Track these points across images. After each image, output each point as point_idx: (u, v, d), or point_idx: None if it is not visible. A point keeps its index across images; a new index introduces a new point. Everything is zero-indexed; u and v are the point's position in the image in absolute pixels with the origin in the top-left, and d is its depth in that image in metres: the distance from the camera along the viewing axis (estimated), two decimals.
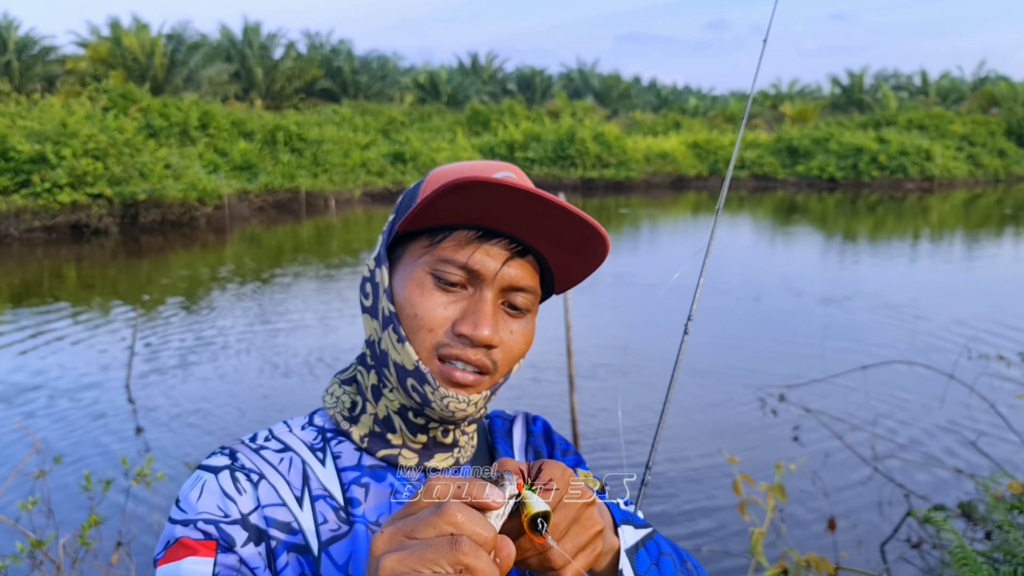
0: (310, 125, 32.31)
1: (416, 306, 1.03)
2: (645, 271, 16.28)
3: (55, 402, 8.37)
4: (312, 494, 1.06)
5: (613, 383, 8.85)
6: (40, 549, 3.64)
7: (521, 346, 1.08)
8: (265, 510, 1.03)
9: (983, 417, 6.94)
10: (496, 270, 1.02)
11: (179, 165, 23.95)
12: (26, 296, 14.26)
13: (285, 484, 1.06)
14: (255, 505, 1.02)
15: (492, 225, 1.02)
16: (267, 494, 1.04)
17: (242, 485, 1.03)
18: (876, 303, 12.74)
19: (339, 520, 1.05)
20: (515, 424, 1.28)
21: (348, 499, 1.07)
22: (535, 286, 1.07)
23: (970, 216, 28.07)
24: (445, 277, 1.02)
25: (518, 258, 1.04)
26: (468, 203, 0.99)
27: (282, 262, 18.23)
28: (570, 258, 1.07)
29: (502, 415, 1.29)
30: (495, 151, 37.35)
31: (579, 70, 75.64)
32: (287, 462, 1.09)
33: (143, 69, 42.26)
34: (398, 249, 1.09)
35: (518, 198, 0.97)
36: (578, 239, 1.03)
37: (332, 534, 1.04)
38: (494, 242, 1.03)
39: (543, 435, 1.28)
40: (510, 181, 0.95)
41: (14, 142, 21.17)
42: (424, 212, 1.02)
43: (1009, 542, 3.74)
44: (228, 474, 1.04)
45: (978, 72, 68.96)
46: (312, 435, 1.13)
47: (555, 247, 1.05)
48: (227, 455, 1.07)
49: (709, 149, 40.57)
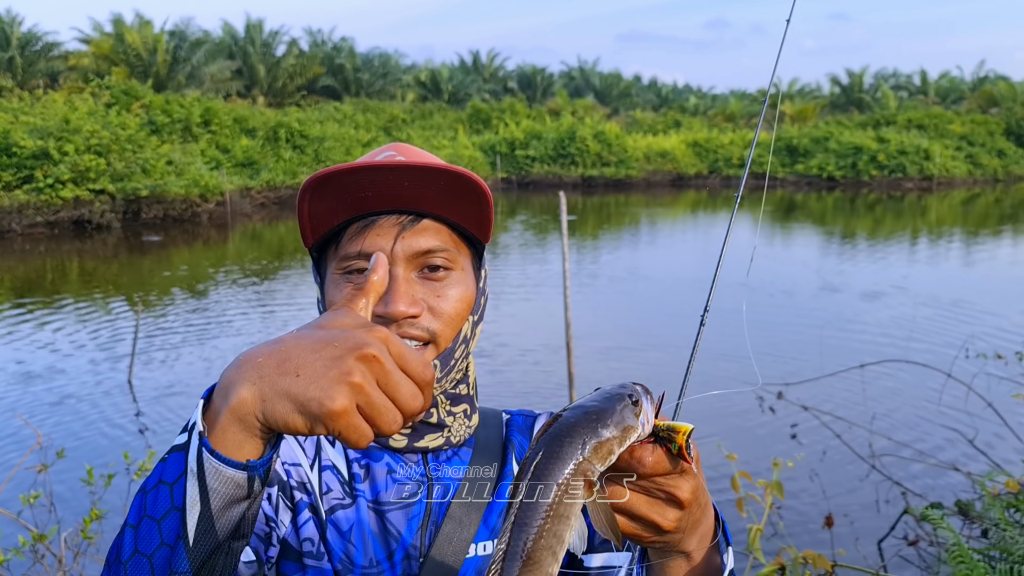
0: (312, 122, 32.31)
1: (334, 302, 1.08)
2: (656, 267, 16.29)
3: (57, 396, 8.40)
4: (322, 463, 1.13)
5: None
6: (42, 543, 3.66)
7: (456, 304, 1.10)
8: (286, 465, 1.11)
9: (980, 415, 6.95)
10: (391, 246, 1.06)
11: (181, 161, 23.96)
12: (28, 291, 14.28)
13: (300, 448, 1.14)
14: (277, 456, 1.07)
15: (370, 209, 1.06)
16: (287, 451, 1.12)
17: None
18: (876, 302, 12.76)
19: (343, 492, 1.11)
20: (538, 421, 1.28)
21: (352, 475, 1.13)
22: (445, 243, 1.09)
23: (969, 215, 28.06)
24: (350, 269, 1.07)
25: (412, 226, 1.07)
26: (335, 199, 1.04)
27: (284, 258, 18.25)
28: (461, 206, 1.09)
29: (525, 413, 1.29)
30: (496, 149, 37.34)
31: (580, 68, 75.60)
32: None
33: (146, 66, 42.25)
34: (321, 262, 1.15)
35: (374, 175, 1.02)
36: (452, 189, 1.05)
37: (336, 502, 1.10)
38: (381, 222, 1.06)
39: None
40: (357, 163, 1.00)
41: (17, 138, 21.18)
42: (310, 225, 1.08)
43: (1006, 540, 3.76)
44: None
45: (977, 72, 68.91)
46: None
47: (439, 203, 1.07)
48: None
49: (709, 148, 40.57)
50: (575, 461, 0.74)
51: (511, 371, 9.06)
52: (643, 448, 0.78)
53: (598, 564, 1.16)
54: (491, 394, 7.84)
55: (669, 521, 0.81)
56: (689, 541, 0.86)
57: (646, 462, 0.77)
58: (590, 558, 1.17)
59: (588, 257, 18.12)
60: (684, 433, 0.79)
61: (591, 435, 0.75)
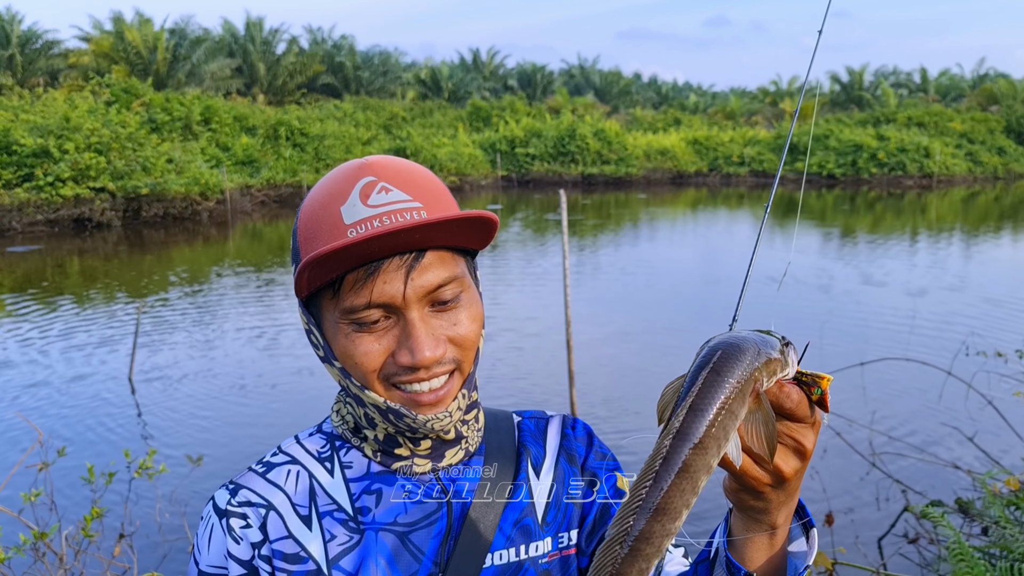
0: (312, 120, 32.32)
1: (352, 356, 1.03)
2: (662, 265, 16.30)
3: (58, 395, 8.41)
4: (319, 511, 1.09)
5: (621, 382, 8.88)
6: (43, 541, 3.66)
7: (471, 327, 1.06)
8: (273, 544, 1.07)
9: (981, 413, 6.96)
10: (402, 291, 1.00)
11: (181, 159, 23.98)
12: (29, 290, 14.28)
13: (291, 509, 1.09)
14: (256, 548, 1.07)
15: (372, 257, 0.99)
16: (274, 527, 1.08)
17: (238, 534, 1.07)
18: (876, 299, 12.76)
19: (348, 531, 1.08)
20: (550, 424, 1.26)
21: (358, 508, 1.09)
22: (452, 272, 1.04)
23: (969, 213, 28.06)
24: (362, 321, 1.01)
25: (418, 264, 1.01)
26: (336, 261, 0.98)
27: (284, 256, 18.25)
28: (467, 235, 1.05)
29: (537, 416, 1.27)
30: (496, 147, 37.33)
31: (580, 66, 75.54)
32: (294, 477, 1.12)
33: (146, 64, 42.22)
34: (313, 302, 1.07)
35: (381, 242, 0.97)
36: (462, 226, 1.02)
37: (341, 548, 1.07)
38: (385, 266, 0.99)
39: (584, 438, 1.26)
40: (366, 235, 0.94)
41: (17, 136, 21.20)
42: (307, 287, 1.02)
43: (1006, 538, 3.76)
44: (226, 522, 1.08)
45: (978, 70, 68.85)
46: (320, 443, 1.16)
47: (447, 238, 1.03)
48: (230, 491, 1.11)
49: (709, 146, 40.61)
50: (752, 367, 0.78)
51: (511, 370, 9.06)
52: (791, 385, 0.82)
53: None
54: (492, 393, 7.85)
55: (791, 469, 0.83)
56: (780, 514, 0.89)
57: (793, 397, 0.81)
58: None
59: (588, 256, 18.12)
60: (827, 382, 0.83)
61: (764, 349, 0.80)
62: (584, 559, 1.19)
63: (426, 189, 1.03)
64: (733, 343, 0.80)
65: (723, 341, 0.81)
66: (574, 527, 1.19)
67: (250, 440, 7.24)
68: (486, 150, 37.27)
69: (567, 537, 1.18)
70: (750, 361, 0.78)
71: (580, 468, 1.22)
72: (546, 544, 1.15)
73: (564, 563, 1.17)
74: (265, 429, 7.48)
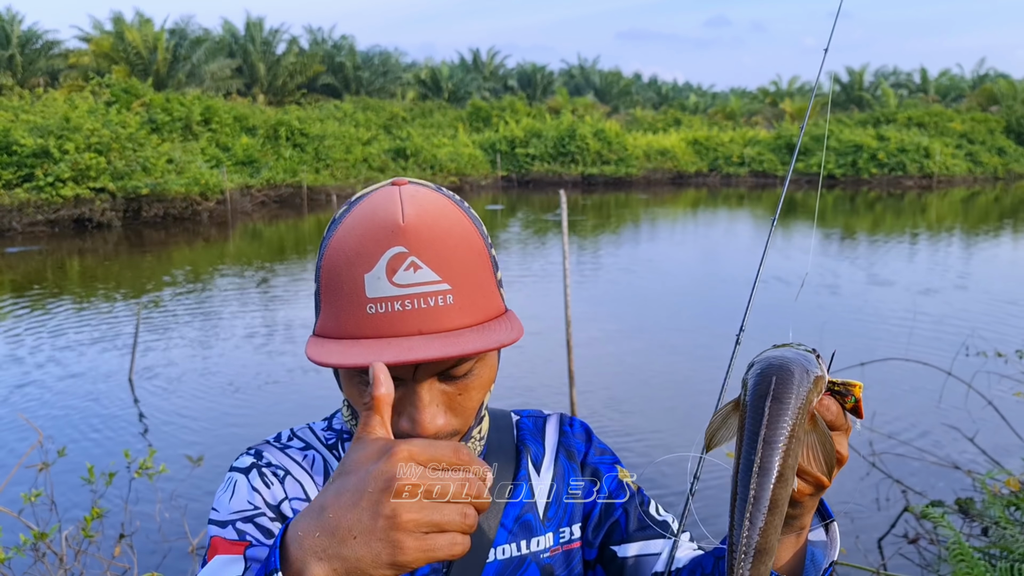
0: (312, 120, 32.32)
1: (355, 403, 1.02)
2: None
3: (58, 395, 8.41)
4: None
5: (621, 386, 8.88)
6: (43, 541, 3.66)
7: (477, 397, 1.03)
8: (292, 503, 1.08)
9: (981, 413, 6.96)
10: (413, 372, 0.96)
11: (182, 160, 23.98)
12: (29, 290, 14.29)
13: (310, 480, 1.11)
14: (283, 497, 1.07)
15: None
16: (293, 488, 1.09)
17: (269, 479, 1.08)
18: (876, 299, 12.77)
19: None
20: (548, 423, 1.26)
21: None
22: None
23: (969, 213, 28.06)
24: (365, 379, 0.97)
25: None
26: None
27: (284, 256, 18.26)
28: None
29: (535, 415, 1.28)
30: (496, 147, 37.33)
31: (580, 67, 75.55)
32: (310, 459, 1.13)
33: (146, 64, 42.24)
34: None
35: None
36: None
37: None
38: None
39: (583, 435, 1.26)
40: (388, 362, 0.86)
41: (17, 136, 21.21)
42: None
43: (1006, 538, 3.77)
44: (256, 471, 1.09)
45: (978, 70, 68.87)
46: (330, 436, 1.17)
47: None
48: (253, 455, 1.12)
49: (709, 146, 40.61)
50: (806, 389, 0.79)
51: (512, 370, 9.06)
52: (827, 396, 0.83)
53: (633, 553, 1.18)
54: (493, 393, 7.83)
55: (828, 478, 0.84)
56: (809, 516, 0.92)
57: (832, 410, 0.82)
58: (624, 548, 1.19)
59: (588, 256, 18.12)
60: (859, 389, 0.84)
61: (809, 368, 0.81)
62: (591, 551, 1.20)
63: (458, 264, 0.96)
64: (783, 367, 0.80)
65: (772, 365, 0.81)
66: (576, 521, 1.20)
67: (251, 440, 7.22)
68: (486, 150, 37.26)
69: (569, 532, 1.19)
70: (803, 384, 0.79)
71: (580, 464, 1.23)
72: (548, 539, 1.16)
73: (567, 557, 1.18)
74: (266, 429, 7.48)
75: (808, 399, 0.79)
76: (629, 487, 1.22)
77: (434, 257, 0.94)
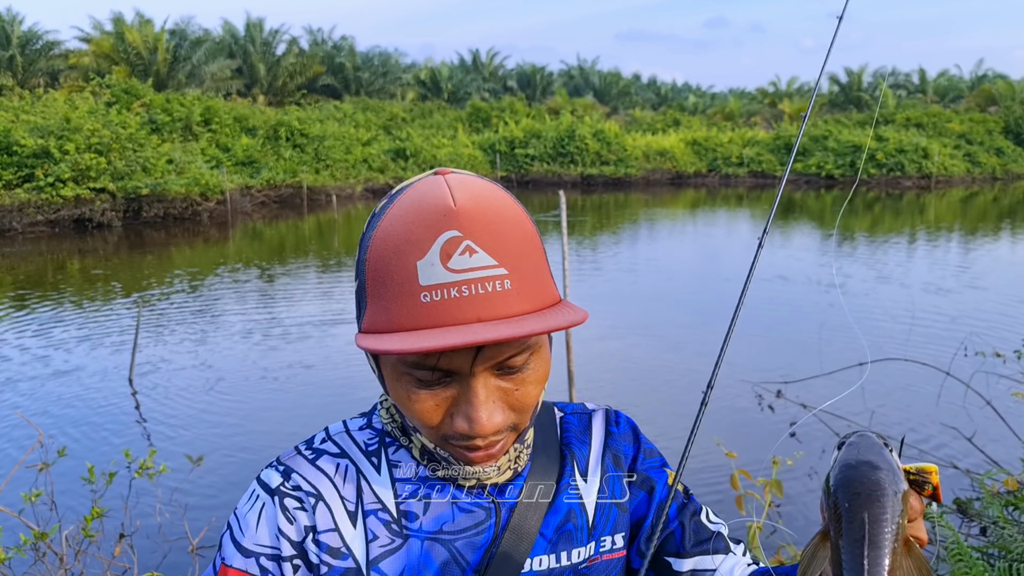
0: (312, 121, 32.32)
1: (407, 407, 0.96)
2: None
3: (59, 395, 8.41)
4: (364, 508, 1.04)
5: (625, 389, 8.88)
6: (43, 541, 3.67)
7: (534, 392, 0.98)
8: (320, 536, 1.02)
9: (979, 413, 6.97)
10: (470, 364, 0.91)
11: (182, 160, 24.00)
12: (29, 290, 14.29)
13: (340, 502, 1.04)
14: (308, 532, 1.02)
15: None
16: (323, 518, 1.03)
17: (292, 514, 1.02)
18: (875, 300, 12.77)
19: (391, 534, 1.03)
20: (594, 420, 1.20)
21: (402, 511, 1.04)
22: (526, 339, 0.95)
23: (967, 213, 28.06)
24: (423, 379, 0.93)
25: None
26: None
27: (284, 257, 18.27)
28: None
29: (579, 410, 1.21)
30: (495, 148, 37.35)
31: (579, 67, 75.57)
32: (343, 471, 1.06)
33: (146, 64, 42.24)
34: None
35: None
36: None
37: (382, 550, 1.02)
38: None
39: (630, 435, 1.20)
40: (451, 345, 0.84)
41: (18, 136, 21.22)
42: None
43: (1004, 538, 3.77)
44: (280, 500, 1.03)
45: (976, 71, 68.84)
46: (369, 436, 1.10)
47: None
48: (281, 472, 1.05)
49: (708, 147, 40.66)
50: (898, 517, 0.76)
51: None
52: (913, 496, 0.80)
53: (688, 568, 1.15)
54: None
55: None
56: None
57: (916, 508, 0.79)
58: (680, 562, 1.15)
59: (588, 256, 18.13)
60: (935, 473, 0.81)
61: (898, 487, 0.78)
62: (637, 559, 1.15)
63: (514, 248, 0.91)
64: (875, 496, 0.77)
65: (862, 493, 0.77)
66: (620, 531, 1.14)
67: (251, 440, 7.25)
68: (485, 151, 37.28)
69: (611, 541, 1.13)
70: (895, 511, 0.76)
71: (628, 470, 1.17)
72: (589, 549, 1.10)
73: (606, 566, 1.13)
74: (266, 428, 7.49)
75: (901, 526, 0.76)
76: (680, 495, 1.17)
77: (489, 241, 0.90)
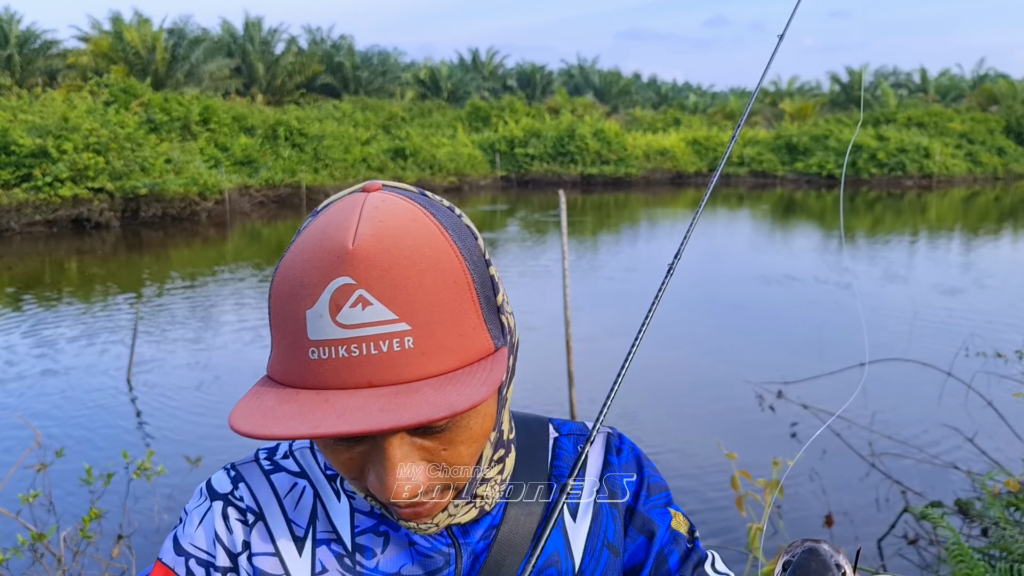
0: (311, 120, 32.30)
1: (327, 457, 0.85)
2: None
3: (56, 395, 8.39)
4: (316, 536, 0.94)
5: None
6: (41, 542, 3.66)
7: (467, 448, 0.84)
8: (255, 558, 0.93)
9: (980, 414, 6.96)
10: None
11: (180, 160, 23.96)
12: (27, 290, 14.27)
13: (285, 525, 0.95)
14: (245, 549, 0.94)
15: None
16: (259, 540, 0.94)
17: (231, 524, 0.94)
18: (876, 300, 12.76)
19: (343, 569, 0.93)
20: (591, 447, 1.07)
21: (358, 546, 0.94)
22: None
23: (969, 213, 28.06)
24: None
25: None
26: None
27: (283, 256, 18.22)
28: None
29: (575, 432, 1.09)
30: (495, 147, 37.34)
31: (579, 67, 75.59)
32: (297, 493, 0.96)
33: (144, 64, 42.23)
34: None
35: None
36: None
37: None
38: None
39: (632, 465, 1.07)
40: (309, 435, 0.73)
41: (16, 136, 21.19)
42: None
43: (1005, 538, 3.76)
44: (223, 508, 0.95)
45: (977, 70, 68.97)
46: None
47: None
48: (232, 479, 0.98)
49: (708, 146, 40.63)
50: None
51: None
52: None
53: None
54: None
55: None
56: None
57: None
58: None
59: (588, 256, 18.12)
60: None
61: None
62: None
63: (422, 297, 0.76)
64: None
65: None
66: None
67: (250, 440, 7.22)
68: (485, 150, 37.27)
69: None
70: None
71: (628, 511, 1.04)
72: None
73: None
74: None
75: None
76: (685, 541, 1.04)
77: (389, 289, 0.75)
